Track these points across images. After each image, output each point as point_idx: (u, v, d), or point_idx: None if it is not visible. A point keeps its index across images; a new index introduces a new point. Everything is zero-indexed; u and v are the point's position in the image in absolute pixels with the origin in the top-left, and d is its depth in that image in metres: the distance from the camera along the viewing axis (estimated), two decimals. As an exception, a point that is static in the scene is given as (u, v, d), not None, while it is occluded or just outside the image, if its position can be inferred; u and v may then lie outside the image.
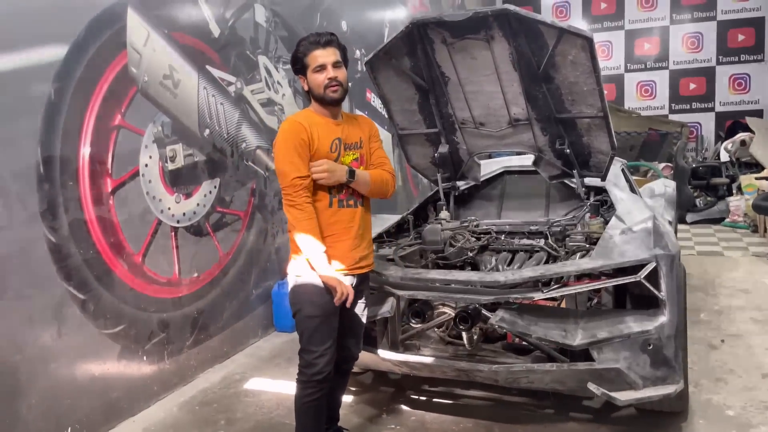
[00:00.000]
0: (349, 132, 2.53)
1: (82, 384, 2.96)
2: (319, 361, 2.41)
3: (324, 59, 2.39)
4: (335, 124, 2.49)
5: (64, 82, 2.87)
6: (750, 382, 3.30)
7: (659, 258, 2.56)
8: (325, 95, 2.41)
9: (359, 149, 2.55)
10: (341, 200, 2.48)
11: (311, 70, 2.41)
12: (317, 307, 2.40)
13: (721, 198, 8.23)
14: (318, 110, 2.49)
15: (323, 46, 2.39)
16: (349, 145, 2.51)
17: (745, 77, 9.90)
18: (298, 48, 2.44)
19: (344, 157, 2.48)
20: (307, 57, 2.41)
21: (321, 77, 2.39)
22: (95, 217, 3.03)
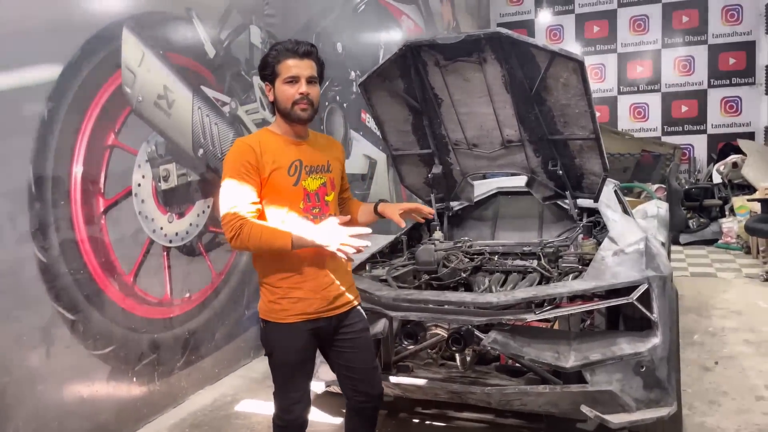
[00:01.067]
0: (313, 154, 2.21)
1: (71, 406, 2.92)
2: (295, 408, 2.21)
3: (298, 71, 2.09)
4: (295, 144, 2.18)
5: (57, 102, 2.87)
6: (743, 404, 3.28)
7: (651, 279, 2.56)
8: (292, 112, 2.11)
9: (327, 173, 2.24)
10: None
11: (281, 79, 2.10)
12: (290, 351, 2.17)
13: (713, 219, 8.27)
14: (278, 128, 2.20)
15: (300, 57, 2.10)
16: (314, 167, 2.20)
17: (736, 100, 10.00)
18: (270, 51, 2.14)
19: (306, 182, 2.17)
20: (279, 64, 2.10)
21: (291, 90, 2.09)
22: (86, 237, 3.02)
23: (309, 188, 2.18)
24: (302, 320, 2.16)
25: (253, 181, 2.08)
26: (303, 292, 2.15)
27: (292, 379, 2.22)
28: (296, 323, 2.16)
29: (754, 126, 9.85)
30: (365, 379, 2.31)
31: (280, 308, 2.16)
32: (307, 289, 2.16)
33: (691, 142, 10.23)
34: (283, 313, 2.16)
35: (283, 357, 2.19)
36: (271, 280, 2.18)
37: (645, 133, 10.36)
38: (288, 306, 2.15)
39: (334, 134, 5.65)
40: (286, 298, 2.15)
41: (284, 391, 2.23)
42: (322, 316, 2.20)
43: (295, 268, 2.15)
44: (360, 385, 2.31)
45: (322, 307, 2.19)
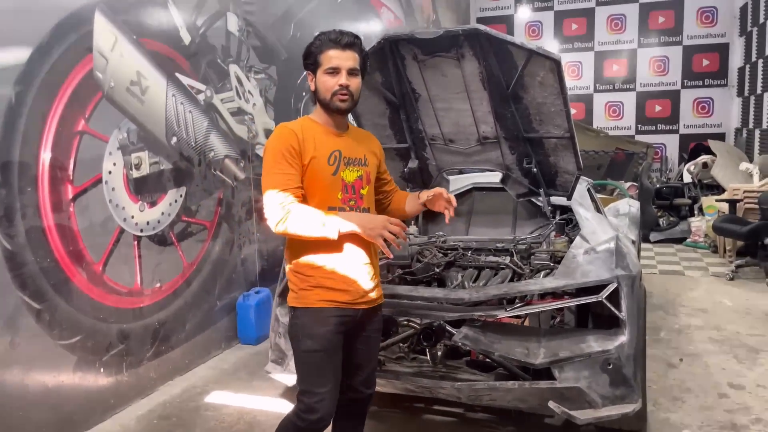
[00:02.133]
0: (352, 145, 2.21)
1: (36, 396, 2.86)
2: (320, 406, 2.08)
3: (339, 62, 2.08)
4: (336, 135, 2.18)
5: (25, 86, 2.80)
6: (707, 401, 3.36)
7: (620, 279, 2.60)
8: (332, 102, 2.11)
9: (364, 166, 2.21)
10: None
11: (323, 70, 2.09)
12: (316, 339, 2.09)
13: (683, 218, 8.43)
14: (319, 117, 2.19)
15: (342, 48, 2.08)
16: (351, 159, 2.17)
17: (708, 101, 10.18)
18: (314, 41, 2.13)
19: (345, 173, 2.15)
20: (321, 54, 2.09)
21: (332, 81, 2.09)
22: (54, 225, 2.95)
23: (347, 179, 2.16)
24: (333, 306, 2.11)
25: (296, 165, 2.06)
26: (335, 282, 2.11)
27: (321, 371, 2.11)
28: (326, 308, 2.10)
29: (724, 127, 10.05)
30: (367, 378, 2.31)
31: (312, 294, 2.11)
32: (339, 280, 2.12)
33: (663, 142, 10.40)
34: (314, 297, 2.11)
35: (312, 344, 2.10)
36: (303, 268, 2.13)
37: (619, 131, 10.50)
38: (321, 293, 2.11)
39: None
40: (319, 286, 2.11)
41: (311, 385, 2.10)
42: (352, 308, 2.15)
43: (328, 258, 2.11)
44: (359, 383, 2.28)
45: (353, 299, 2.14)
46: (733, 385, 3.55)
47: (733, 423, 3.11)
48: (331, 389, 2.12)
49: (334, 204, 2.12)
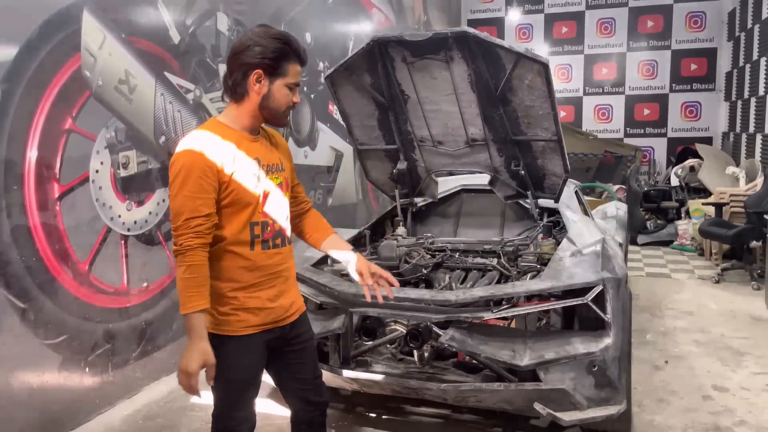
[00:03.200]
0: (269, 151, 2.04)
1: (20, 396, 2.84)
2: (242, 428, 2.01)
3: (299, 79, 1.97)
4: (253, 140, 1.98)
5: (12, 83, 2.78)
6: (691, 403, 3.39)
7: (606, 281, 2.62)
8: (282, 116, 1.97)
9: (282, 172, 2.06)
10: (266, 241, 1.96)
11: (285, 81, 1.92)
12: (241, 369, 1.96)
13: (670, 221, 8.50)
14: (235, 121, 1.95)
15: (302, 65, 1.98)
16: (270, 166, 2.01)
17: (696, 105, 10.28)
18: (275, 41, 1.90)
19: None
20: (288, 64, 1.92)
21: (289, 97, 1.95)
22: (40, 223, 2.93)
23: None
24: (260, 331, 1.97)
25: (211, 189, 1.84)
26: (261, 302, 1.96)
27: (242, 398, 2.00)
28: (253, 335, 1.96)
29: (712, 131, 10.15)
30: (314, 388, 2.18)
31: (237, 320, 1.93)
32: (265, 298, 1.97)
33: (651, 145, 10.49)
34: (240, 324, 1.94)
35: (235, 374, 1.95)
36: (223, 290, 1.93)
37: (608, 134, 10.58)
38: (246, 317, 1.94)
39: (301, 125, 5.61)
40: (243, 309, 1.94)
41: (231, 410, 1.99)
42: (279, 325, 2.02)
43: (251, 277, 1.95)
44: (308, 395, 2.17)
45: (279, 316, 2.02)
46: (718, 388, 3.59)
47: (717, 425, 3.14)
48: (249, 414, 2.03)
49: (256, 218, 1.95)
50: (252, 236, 1.94)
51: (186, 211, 1.80)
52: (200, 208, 1.81)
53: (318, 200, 5.96)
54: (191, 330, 1.80)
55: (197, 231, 1.81)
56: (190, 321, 1.80)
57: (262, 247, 1.96)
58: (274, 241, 1.99)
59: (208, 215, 1.83)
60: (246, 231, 1.93)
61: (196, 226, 1.81)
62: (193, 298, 1.80)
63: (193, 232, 1.80)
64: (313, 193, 5.87)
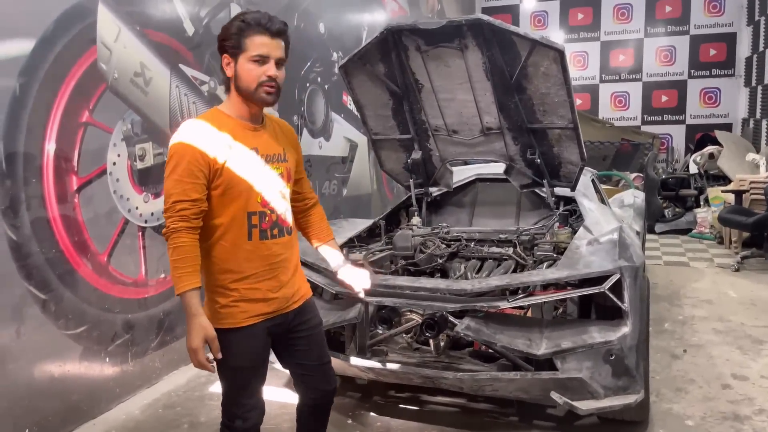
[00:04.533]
0: (271, 141, 2.01)
1: (41, 386, 2.89)
2: (251, 415, 2.03)
3: (269, 50, 1.86)
4: (253, 129, 1.97)
5: (29, 77, 2.81)
6: (710, 392, 3.36)
7: (623, 270, 2.60)
8: (256, 93, 1.89)
9: (284, 162, 2.03)
10: (264, 231, 1.95)
11: (248, 56, 1.86)
12: (245, 356, 1.98)
13: (689, 209, 8.40)
14: (233, 109, 1.95)
15: (272, 35, 1.87)
16: (270, 156, 1.99)
17: (715, 91, 10.12)
18: (235, 21, 1.89)
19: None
20: (247, 39, 1.86)
21: (258, 71, 1.86)
22: (59, 216, 2.97)
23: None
24: (262, 320, 1.99)
25: (201, 175, 1.85)
26: (262, 293, 1.97)
27: (248, 386, 2.03)
28: (255, 324, 1.97)
29: (731, 117, 9.99)
30: (321, 375, 2.18)
31: (239, 311, 1.95)
32: (266, 289, 1.98)
33: (669, 132, 10.35)
34: (242, 315, 1.95)
35: (239, 362, 1.98)
36: (224, 282, 1.94)
37: (625, 121, 10.46)
38: (247, 308, 1.96)
39: (314, 115, 5.61)
40: (244, 300, 1.95)
41: (239, 398, 2.03)
42: (281, 313, 2.04)
43: (251, 268, 1.95)
44: (315, 382, 2.18)
45: (282, 305, 2.03)
46: (737, 376, 3.55)
47: (736, 414, 3.11)
48: (256, 401, 2.05)
49: (254, 208, 1.94)
50: (249, 226, 1.93)
51: (174, 194, 1.83)
52: (189, 192, 1.82)
53: (333, 191, 5.97)
54: (187, 308, 1.83)
55: (182, 215, 1.82)
56: (185, 300, 1.82)
57: (260, 237, 1.95)
58: (272, 231, 1.98)
59: (195, 200, 1.84)
60: (243, 220, 1.92)
61: (182, 210, 1.82)
62: (183, 278, 1.82)
63: (179, 216, 1.82)
64: (328, 184, 5.88)
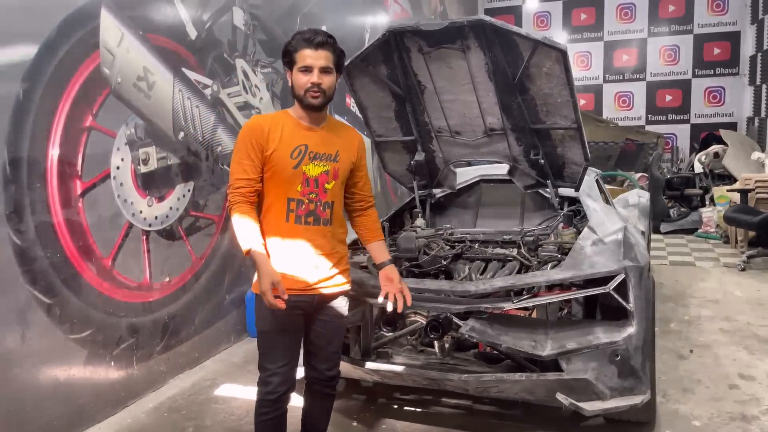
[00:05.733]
0: (324, 141, 2.31)
1: (47, 390, 2.90)
2: (272, 380, 2.29)
3: (312, 61, 2.20)
4: (308, 129, 2.30)
5: (33, 82, 2.82)
6: (717, 392, 3.34)
7: (628, 270, 2.59)
8: (305, 98, 2.24)
9: (333, 162, 2.31)
10: (299, 216, 2.26)
11: (297, 68, 2.23)
12: (267, 321, 2.27)
13: (694, 209, 8.36)
14: (295, 111, 2.33)
15: (315, 47, 2.20)
16: (319, 154, 2.28)
17: (720, 90, 10.08)
18: (290, 41, 2.27)
19: (308, 167, 2.26)
20: (296, 53, 2.23)
21: (304, 79, 2.21)
22: (63, 220, 2.98)
23: (309, 173, 2.27)
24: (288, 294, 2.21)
25: (257, 156, 2.22)
26: (291, 269, 2.26)
27: (271, 350, 2.30)
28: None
29: (736, 116, 9.94)
30: (324, 358, 2.42)
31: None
32: (294, 266, 2.26)
33: (674, 132, 10.31)
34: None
35: (264, 326, 2.29)
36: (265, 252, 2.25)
37: (629, 121, 10.42)
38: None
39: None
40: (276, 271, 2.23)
41: (264, 361, 2.32)
42: (305, 294, 2.28)
43: (279, 246, 2.26)
44: (317, 363, 2.42)
45: (306, 287, 2.28)
46: (744, 376, 3.53)
47: (743, 414, 3.09)
48: (283, 367, 2.30)
49: (293, 195, 2.26)
50: (288, 209, 2.26)
51: (235, 173, 2.24)
52: (247, 171, 2.22)
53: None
54: (256, 260, 2.17)
55: (240, 191, 2.22)
56: (253, 254, 2.17)
57: (295, 221, 2.27)
58: (306, 218, 2.28)
59: (251, 179, 2.23)
60: (283, 203, 2.26)
61: (239, 187, 2.22)
62: (246, 238, 2.18)
63: (238, 192, 2.22)
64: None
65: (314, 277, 2.30)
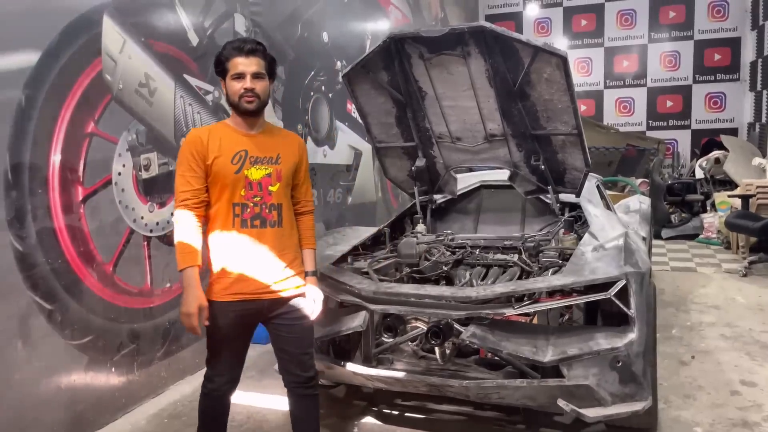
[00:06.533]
0: (264, 145, 2.38)
1: (47, 396, 2.89)
2: (218, 379, 2.42)
3: (244, 68, 2.28)
4: (246, 135, 2.36)
5: (35, 89, 2.83)
6: (718, 398, 3.33)
7: (629, 275, 2.58)
8: (240, 104, 2.30)
9: (275, 164, 2.37)
10: (245, 220, 2.32)
11: (230, 76, 2.30)
12: (214, 328, 2.33)
13: (695, 214, 8.36)
14: (232, 120, 2.39)
15: (246, 55, 2.29)
16: (259, 158, 2.35)
17: (720, 96, 10.10)
18: (221, 51, 2.33)
19: (250, 171, 2.32)
20: (228, 62, 2.30)
21: (238, 86, 2.29)
22: (64, 226, 2.98)
23: (251, 177, 2.33)
24: (230, 300, 2.32)
25: (198, 167, 2.28)
26: (237, 274, 2.32)
27: (219, 354, 2.40)
28: (226, 302, 2.32)
29: (737, 122, 9.96)
30: (297, 361, 2.47)
31: (219, 287, 2.33)
32: (242, 271, 2.32)
33: (675, 137, 10.33)
34: (219, 291, 2.32)
35: (210, 331, 2.36)
36: (211, 260, 2.35)
37: (630, 127, 10.44)
38: (225, 284, 2.32)
39: (319, 124, 5.63)
40: (224, 277, 2.32)
41: (212, 360, 2.43)
42: (255, 299, 2.35)
43: (227, 253, 2.32)
44: (291, 367, 2.47)
45: (258, 289, 2.34)
46: (746, 383, 3.52)
47: (745, 420, 3.08)
48: (229, 367, 2.43)
49: (237, 200, 2.32)
50: (233, 214, 2.31)
51: (179, 186, 2.28)
52: (190, 182, 2.27)
53: (338, 199, 5.98)
54: (186, 281, 2.22)
55: (185, 203, 2.27)
56: (185, 274, 2.23)
57: (241, 225, 2.32)
58: (252, 221, 2.33)
59: (195, 189, 2.27)
60: (228, 208, 2.31)
61: (185, 200, 2.27)
62: (185, 257, 2.24)
63: (183, 205, 2.27)
64: (333, 192, 5.89)
65: (264, 281, 2.35)
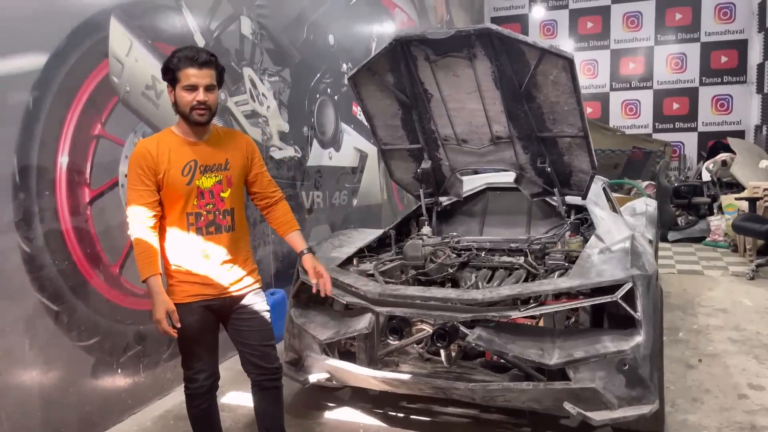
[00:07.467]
0: (212, 153, 2.38)
1: (54, 397, 2.90)
2: (199, 376, 2.48)
3: (197, 80, 2.24)
4: (192, 145, 2.35)
5: (42, 91, 2.84)
6: (726, 402, 3.31)
7: (636, 278, 2.58)
8: (191, 116, 2.28)
9: (224, 171, 2.40)
10: (200, 228, 2.36)
11: (181, 86, 2.26)
12: (184, 328, 2.36)
13: (702, 217, 8.32)
14: (179, 128, 2.37)
15: (199, 66, 2.24)
16: (209, 166, 2.36)
17: (727, 98, 10.06)
18: (171, 58, 2.27)
19: (201, 180, 2.34)
20: (179, 72, 2.25)
21: (189, 97, 2.25)
22: (71, 228, 3.00)
23: (203, 186, 2.35)
24: (199, 300, 2.40)
25: (150, 181, 2.29)
26: (199, 278, 2.39)
27: (193, 351, 2.46)
28: (185, 304, 2.38)
29: (744, 124, 9.92)
30: (260, 354, 2.52)
31: (180, 290, 2.39)
32: (202, 275, 2.39)
33: (681, 140, 10.29)
34: (181, 294, 2.39)
35: (182, 332, 2.37)
36: (168, 267, 2.41)
37: (636, 129, 10.41)
38: (186, 288, 2.39)
39: (324, 126, 5.63)
40: (183, 282, 2.39)
41: (187, 361, 2.48)
42: (217, 298, 2.43)
43: (188, 256, 2.38)
44: (255, 360, 2.52)
45: (219, 290, 2.43)
46: (753, 386, 3.50)
47: (752, 424, 3.06)
48: (207, 363, 2.49)
49: (191, 210, 2.35)
50: (188, 224, 2.35)
51: (130, 200, 2.30)
52: (143, 196, 2.28)
53: (343, 201, 5.98)
54: (151, 290, 2.28)
55: (138, 217, 2.28)
56: (149, 284, 2.28)
57: (196, 233, 2.36)
58: (207, 229, 2.38)
59: (148, 203, 2.29)
60: (183, 219, 2.35)
61: (136, 213, 2.28)
62: (145, 267, 2.28)
63: (136, 217, 2.29)
64: (338, 194, 5.89)
65: (223, 282, 2.43)
